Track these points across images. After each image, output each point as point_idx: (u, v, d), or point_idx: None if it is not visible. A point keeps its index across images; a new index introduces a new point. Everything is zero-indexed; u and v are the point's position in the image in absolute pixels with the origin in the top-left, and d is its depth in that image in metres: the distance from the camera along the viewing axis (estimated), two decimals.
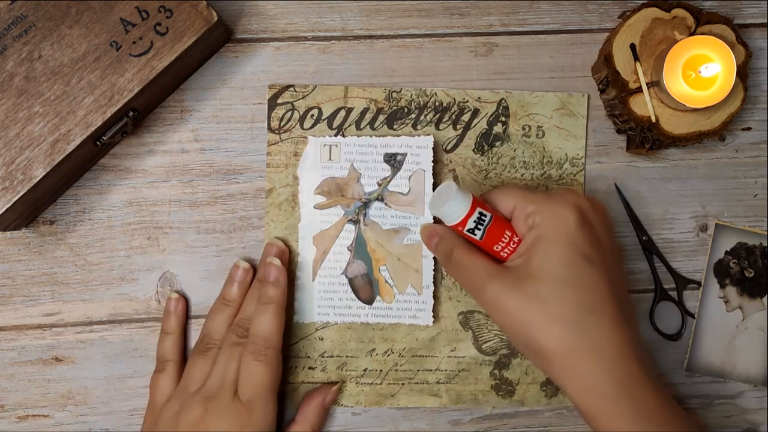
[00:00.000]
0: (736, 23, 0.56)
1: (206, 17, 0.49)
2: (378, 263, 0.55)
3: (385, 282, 0.55)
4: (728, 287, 0.58)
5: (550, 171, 0.57)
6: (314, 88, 0.56)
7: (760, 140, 0.58)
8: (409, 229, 0.55)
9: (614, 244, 0.49)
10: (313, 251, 0.55)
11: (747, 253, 0.57)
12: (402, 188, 0.55)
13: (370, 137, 0.55)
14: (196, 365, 0.51)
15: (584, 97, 0.57)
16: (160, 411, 0.51)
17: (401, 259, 0.55)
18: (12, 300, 0.55)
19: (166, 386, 0.52)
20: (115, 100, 0.49)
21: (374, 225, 0.55)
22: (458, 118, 0.56)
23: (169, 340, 0.54)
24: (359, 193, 0.55)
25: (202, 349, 0.52)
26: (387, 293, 0.55)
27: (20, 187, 0.47)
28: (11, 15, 0.48)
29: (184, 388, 0.51)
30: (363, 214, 0.55)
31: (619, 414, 0.44)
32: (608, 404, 0.45)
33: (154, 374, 0.53)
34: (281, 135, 0.56)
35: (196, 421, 0.48)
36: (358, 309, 0.55)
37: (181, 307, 0.54)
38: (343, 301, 0.55)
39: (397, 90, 0.56)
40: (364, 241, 0.55)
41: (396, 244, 0.55)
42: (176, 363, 0.53)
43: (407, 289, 0.55)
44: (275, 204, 0.55)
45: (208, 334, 0.53)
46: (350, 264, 0.55)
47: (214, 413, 0.48)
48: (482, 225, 0.48)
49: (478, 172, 0.56)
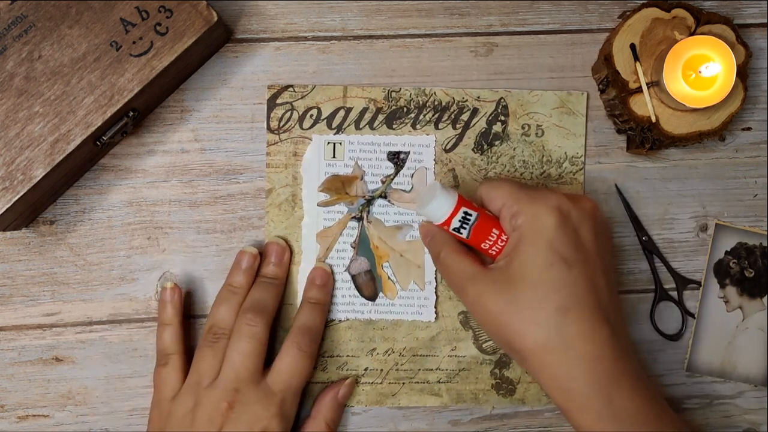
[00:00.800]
0: (736, 23, 0.56)
1: (206, 17, 0.49)
2: (381, 260, 0.56)
3: (388, 278, 0.55)
4: (728, 287, 0.58)
5: (549, 170, 0.57)
6: (313, 88, 0.56)
7: (760, 140, 0.58)
8: (411, 226, 0.55)
9: (602, 244, 0.49)
10: (317, 249, 0.55)
11: (747, 253, 0.57)
12: (405, 186, 0.55)
13: (373, 135, 0.55)
14: (205, 358, 0.50)
15: (583, 96, 0.57)
16: (170, 407, 0.49)
17: (404, 256, 0.56)
18: (12, 300, 0.55)
19: (172, 380, 0.50)
20: (115, 100, 0.49)
21: (377, 222, 0.56)
22: (457, 118, 0.56)
23: (168, 331, 0.52)
24: (363, 190, 0.56)
25: (211, 340, 0.50)
26: (390, 289, 0.56)
27: (20, 187, 0.47)
28: (11, 15, 0.48)
29: (196, 383, 0.49)
30: (366, 212, 0.56)
31: (591, 411, 0.45)
32: (581, 401, 0.45)
33: (157, 368, 0.52)
34: (280, 135, 0.56)
35: (218, 416, 0.47)
36: (362, 306, 0.55)
37: (177, 297, 0.53)
38: (346, 298, 0.55)
39: (396, 89, 0.56)
40: (367, 238, 0.55)
41: (399, 240, 0.55)
42: (179, 354, 0.52)
43: (410, 285, 0.56)
44: (275, 204, 0.55)
45: (216, 324, 0.51)
46: (353, 261, 0.56)
47: (241, 405, 0.48)
48: (467, 224, 0.49)
49: (477, 172, 0.56)
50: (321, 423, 0.53)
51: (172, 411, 0.49)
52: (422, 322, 0.56)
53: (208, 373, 0.49)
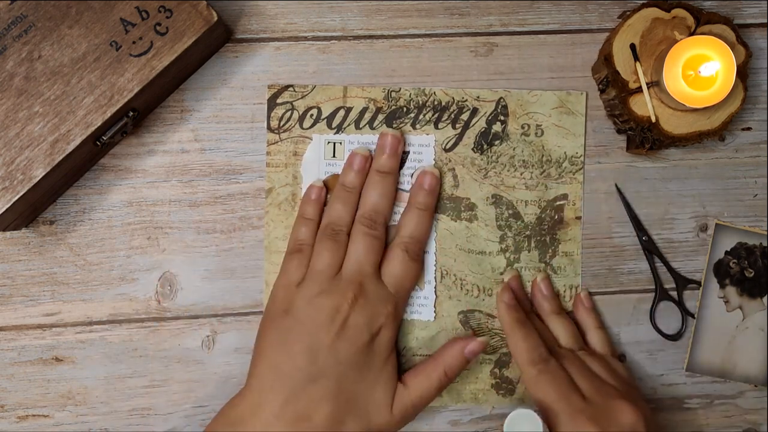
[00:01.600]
0: (736, 23, 0.56)
1: (206, 17, 0.49)
2: None
3: None
4: (728, 287, 0.58)
5: (549, 169, 0.57)
6: (313, 88, 0.56)
7: (760, 140, 0.58)
8: None
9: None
10: None
11: (747, 253, 0.57)
12: (404, 185, 0.55)
13: (373, 135, 0.55)
14: (329, 249, 0.51)
15: (582, 95, 0.57)
16: (295, 291, 0.51)
17: None
18: (12, 300, 0.55)
19: (301, 267, 0.52)
20: (115, 100, 0.49)
21: None
22: (457, 117, 0.56)
23: (308, 225, 0.53)
24: None
25: (331, 233, 0.52)
26: None
27: (20, 187, 0.47)
28: (11, 15, 0.48)
29: (320, 272, 0.51)
30: None
31: None
32: None
33: (290, 255, 0.53)
34: (281, 135, 0.56)
35: (345, 305, 0.49)
36: None
37: (322, 196, 0.54)
38: None
39: (396, 89, 0.56)
40: None
41: None
42: (311, 247, 0.53)
43: None
44: (275, 204, 0.55)
45: (333, 222, 0.52)
46: None
47: (364, 299, 0.50)
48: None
49: (477, 171, 0.56)
50: (440, 368, 0.52)
51: (298, 295, 0.51)
52: (422, 321, 0.56)
53: (331, 264, 0.51)
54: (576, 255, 0.57)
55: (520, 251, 0.56)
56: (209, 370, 0.56)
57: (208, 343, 0.56)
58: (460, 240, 0.56)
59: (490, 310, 0.56)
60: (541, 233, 0.57)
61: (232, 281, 0.56)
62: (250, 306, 0.56)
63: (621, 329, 0.57)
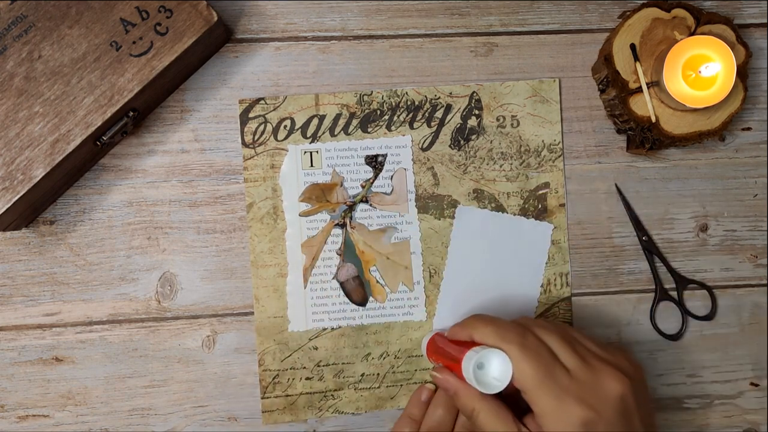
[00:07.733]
0: (736, 23, 0.56)
1: (206, 17, 0.49)
2: (368, 264, 0.56)
3: (377, 282, 0.56)
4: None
5: (528, 159, 0.56)
6: (285, 98, 0.55)
7: (760, 140, 0.58)
8: (395, 228, 0.56)
9: None
10: (303, 259, 0.55)
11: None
12: (385, 188, 0.56)
13: (350, 141, 0.55)
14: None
15: (555, 82, 0.57)
16: None
17: (390, 258, 0.56)
18: (12, 300, 0.55)
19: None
20: (115, 100, 0.49)
21: (361, 227, 0.56)
22: (431, 116, 0.56)
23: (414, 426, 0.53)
24: (343, 196, 0.56)
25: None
26: (379, 293, 0.56)
27: (20, 187, 0.47)
28: (11, 15, 0.48)
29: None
30: (349, 217, 0.56)
31: None
32: None
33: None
34: (256, 149, 0.55)
35: None
36: (353, 312, 0.56)
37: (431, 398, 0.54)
38: (336, 306, 0.55)
39: (368, 93, 0.56)
40: (352, 244, 0.56)
41: (384, 243, 0.56)
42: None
43: (398, 286, 0.56)
44: (257, 218, 0.55)
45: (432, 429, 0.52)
46: (341, 268, 0.56)
47: None
48: None
49: (456, 168, 0.56)
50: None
51: None
52: (414, 322, 0.56)
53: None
54: (563, 242, 0.57)
55: None
56: (209, 370, 0.56)
57: (208, 343, 0.56)
58: (445, 238, 0.56)
59: None
60: None
61: (232, 281, 0.56)
62: (250, 306, 0.56)
63: (621, 329, 0.57)
